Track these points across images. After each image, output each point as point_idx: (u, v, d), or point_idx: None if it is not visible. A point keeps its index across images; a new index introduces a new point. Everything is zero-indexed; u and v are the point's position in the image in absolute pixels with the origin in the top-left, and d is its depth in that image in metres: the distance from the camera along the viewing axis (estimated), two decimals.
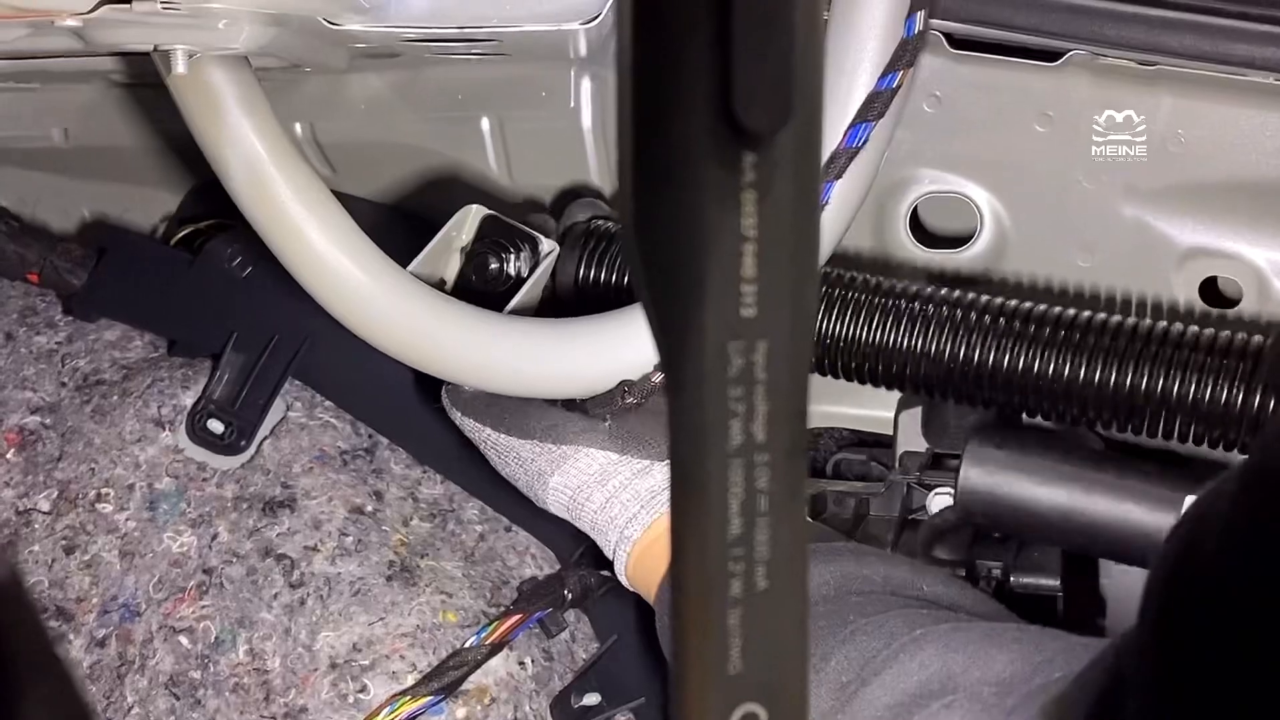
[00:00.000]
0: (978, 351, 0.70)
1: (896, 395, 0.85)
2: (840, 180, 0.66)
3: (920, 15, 0.64)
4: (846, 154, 0.66)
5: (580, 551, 0.88)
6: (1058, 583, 0.73)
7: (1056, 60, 0.70)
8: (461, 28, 0.64)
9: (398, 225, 0.93)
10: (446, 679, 0.80)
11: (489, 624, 0.82)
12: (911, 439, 0.82)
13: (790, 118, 0.25)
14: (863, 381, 0.76)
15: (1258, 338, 0.66)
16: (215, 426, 0.90)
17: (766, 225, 0.26)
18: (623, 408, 0.70)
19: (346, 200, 0.78)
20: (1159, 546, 0.63)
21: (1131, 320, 0.68)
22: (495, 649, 0.82)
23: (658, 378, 0.70)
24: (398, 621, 0.83)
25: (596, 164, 0.87)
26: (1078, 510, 0.69)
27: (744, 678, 0.28)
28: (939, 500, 0.76)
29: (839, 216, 0.68)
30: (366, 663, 0.82)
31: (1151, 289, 0.75)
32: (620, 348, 0.70)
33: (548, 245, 0.79)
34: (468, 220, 0.79)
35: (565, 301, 0.81)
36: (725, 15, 0.24)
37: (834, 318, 0.73)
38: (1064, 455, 0.71)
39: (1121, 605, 0.83)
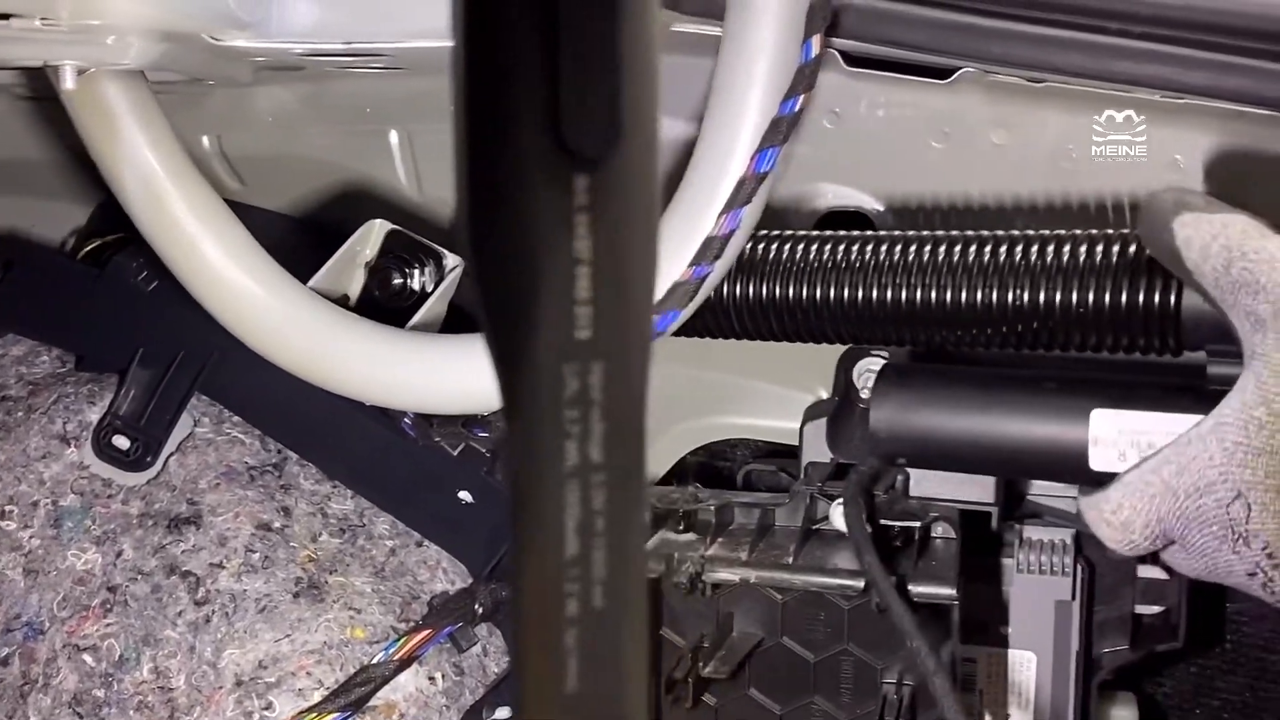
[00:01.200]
0: (875, 291, 0.70)
1: (804, 407, 0.86)
2: (748, 205, 0.67)
3: (816, 39, 0.65)
4: (755, 179, 0.67)
5: (493, 565, 0.88)
6: (954, 591, 0.74)
7: (948, 78, 0.71)
8: (349, 43, 0.64)
9: (307, 239, 0.93)
10: (353, 695, 0.79)
11: (398, 639, 0.82)
12: (816, 450, 0.83)
13: (619, 141, 0.25)
14: (785, 339, 0.75)
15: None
16: (121, 443, 0.89)
17: (600, 247, 0.26)
18: None
19: (255, 213, 0.78)
20: (1067, 459, 0.65)
21: (1015, 232, 0.68)
22: (403, 664, 0.81)
23: None
24: (304, 638, 0.83)
25: None
26: (989, 434, 0.70)
27: (581, 696, 0.28)
28: (842, 511, 0.77)
29: (743, 237, 0.69)
30: (272, 680, 0.81)
31: None
32: None
33: (452, 260, 0.79)
34: (371, 235, 0.79)
35: (473, 317, 0.81)
36: (552, 42, 0.25)
37: (745, 279, 0.73)
38: (967, 384, 0.72)
39: (1024, 611, 0.84)
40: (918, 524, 0.77)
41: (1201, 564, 0.56)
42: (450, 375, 0.71)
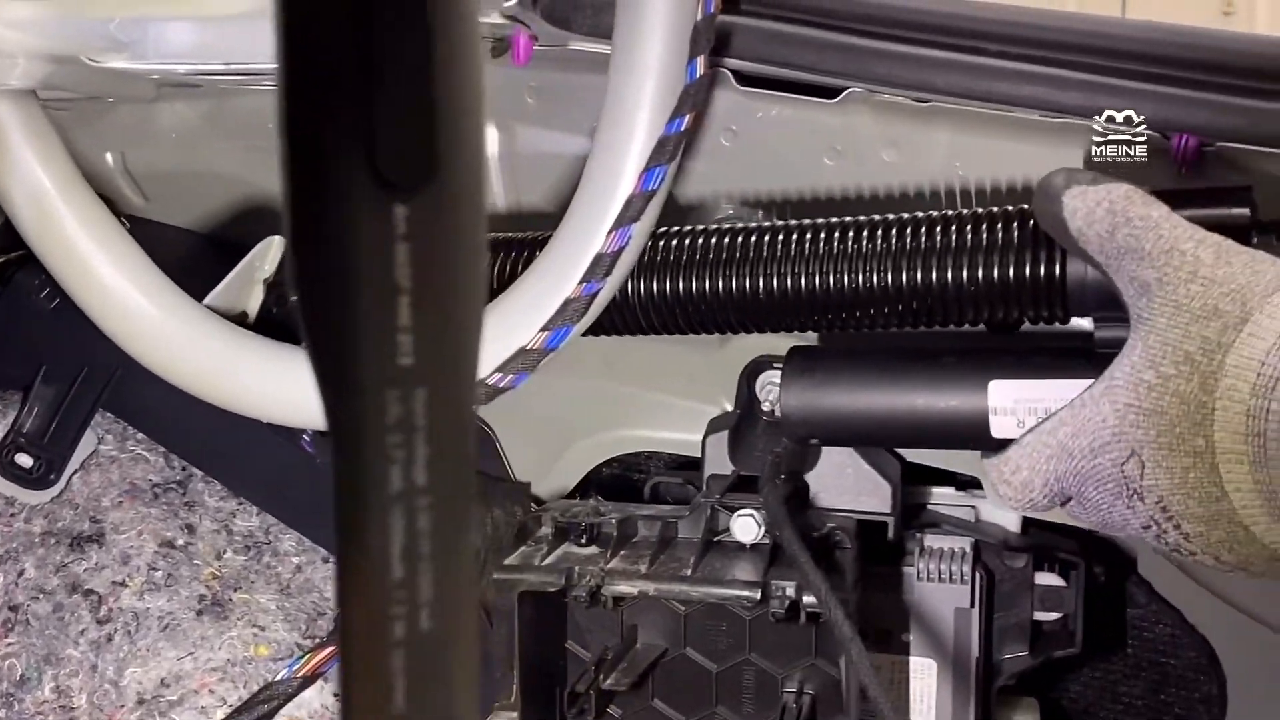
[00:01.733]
0: (775, 280, 0.71)
1: (708, 419, 0.87)
2: (638, 223, 0.68)
3: (701, 60, 0.66)
4: (643, 197, 0.67)
5: None
6: (848, 599, 0.75)
7: (836, 97, 0.72)
8: (228, 64, 0.64)
9: (212, 255, 0.93)
10: (256, 713, 0.79)
11: (302, 656, 0.81)
12: (718, 462, 0.84)
13: (437, 171, 0.26)
14: (692, 331, 0.76)
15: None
16: (24, 460, 0.89)
17: (421, 276, 0.27)
18: None
19: (159, 230, 0.77)
20: (970, 429, 0.67)
21: (906, 216, 0.70)
22: (307, 682, 0.81)
23: None
24: (207, 656, 0.83)
25: None
26: (895, 409, 0.72)
27: (410, 718, 0.28)
28: (742, 522, 0.78)
29: (633, 254, 0.70)
30: (174, 698, 0.81)
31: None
32: None
33: None
34: (270, 251, 0.79)
35: None
36: (367, 74, 0.25)
37: (647, 276, 0.74)
38: (872, 363, 0.73)
39: (924, 619, 0.86)
40: (815, 534, 0.78)
41: (1098, 518, 0.58)
42: None
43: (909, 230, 0.69)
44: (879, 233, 0.69)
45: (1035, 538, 0.89)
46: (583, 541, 0.79)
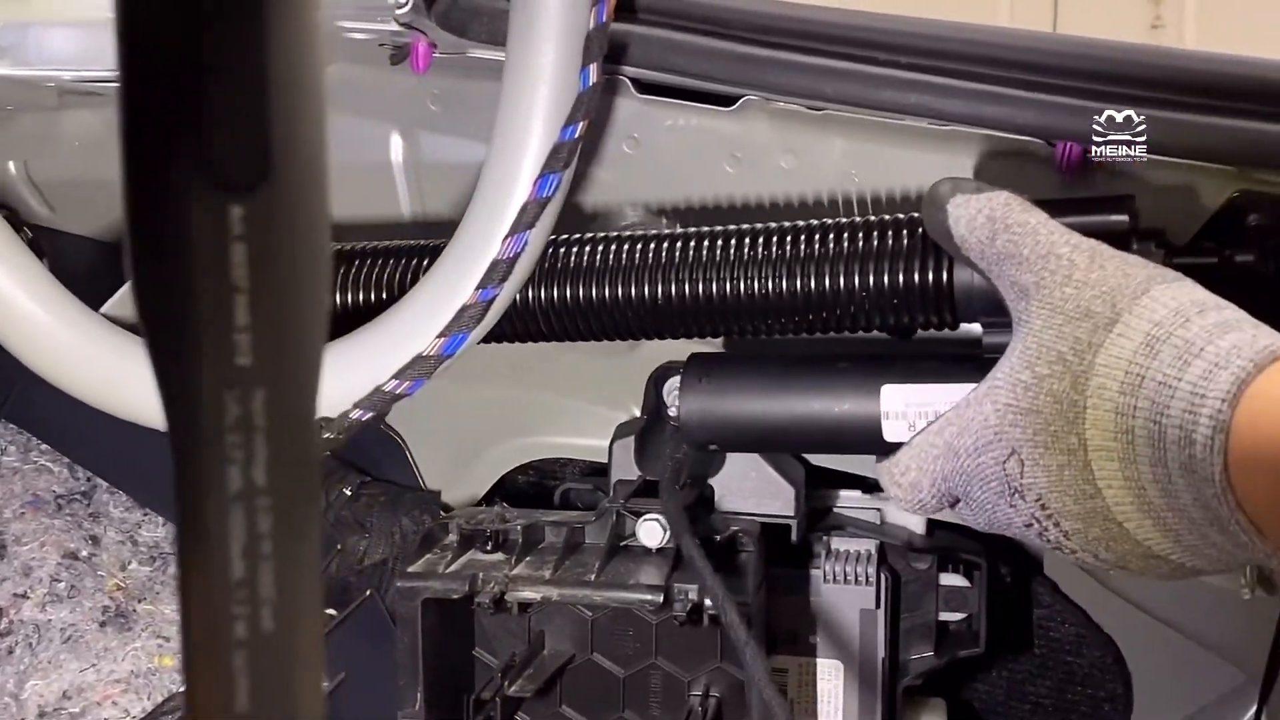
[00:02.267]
0: (672, 287, 0.72)
1: (616, 424, 0.88)
2: (533, 229, 0.68)
3: (594, 68, 0.66)
4: (538, 204, 0.68)
5: None
6: (749, 602, 0.75)
7: (733, 105, 0.73)
8: (113, 70, 0.63)
9: (118, 264, 0.92)
10: None
11: None
12: (625, 467, 0.84)
13: (272, 170, 0.26)
14: (594, 338, 0.77)
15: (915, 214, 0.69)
16: None
17: (259, 276, 0.27)
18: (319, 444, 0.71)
19: (64, 239, 0.76)
20: (864, 433, 0.68)
21: (801, 223, 0.71)
22: None
23: (355, 414, 0.70)
24: (110, 668, 0.82)
25: None
26: (790, 415, 0.73)
27: (252, 717, 0.29)
28: (647, 527, 0.78)
29: (529, 260, 0.70)
30: (77, 710, 0.80)
31: None
32: None
33: None
34: None
35: None
36: (198, 73, 0.25)
37: (548, 283, 0.74)
38: (769, 369, 0.74)
39: (830, 621, 0.87)
40: (718, 538, 0.79)
41: (985, 517, 0.59)
42: None
43: (802, 237, 0.70)
44: (773, 240, 0.70)
45: (940, 539, 0.91)
46: (488, 548, 0.79)
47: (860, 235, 0.68)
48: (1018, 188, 0.59)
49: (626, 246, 0.74)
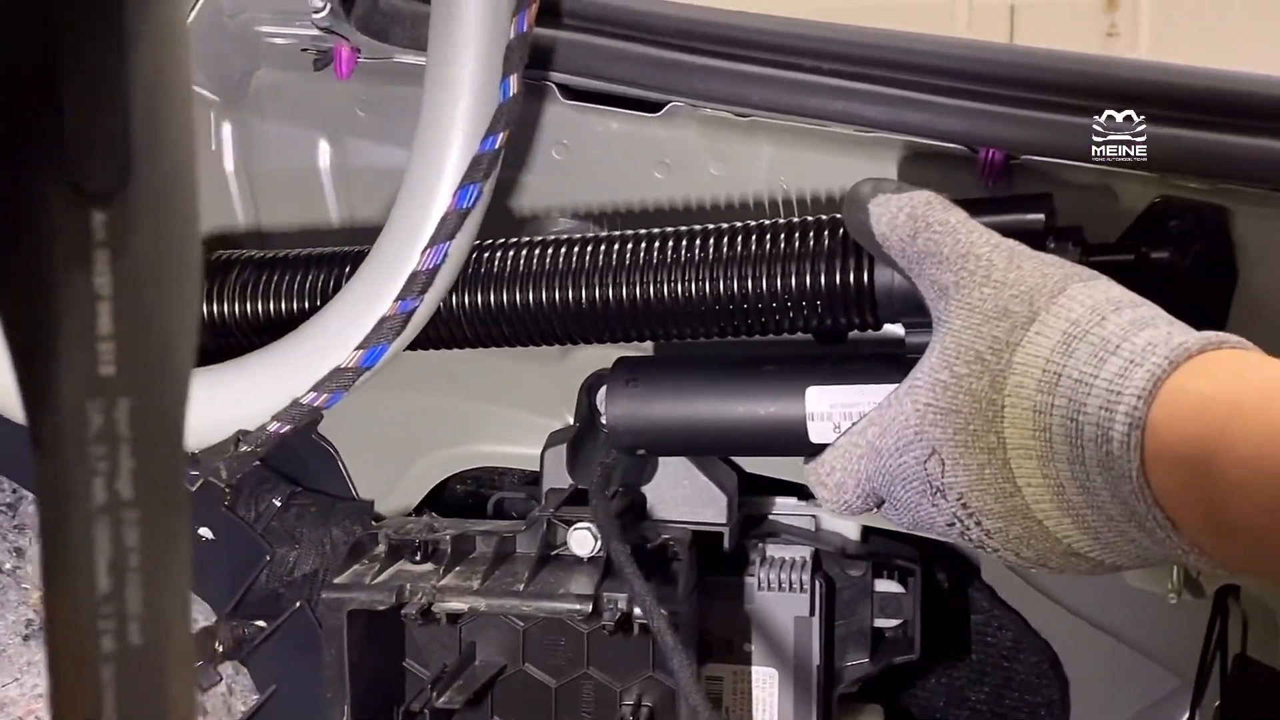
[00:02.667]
0: (596, 291, 0.71)
1: (547, 433, 0.87)
2: (453, 240, 0.68)
3: (514, 78, 0.66)
4: (457, 215, 0.67)
5: (235, 602, 0.86)
6: (679, 610, 0.75)
7: (659, 111, 0.73)
8: None
9: None
10: None
11: None
12: (557, 476, 0.84)
13: (133, 177, 0.26)
14: (520, 343, 0.76)
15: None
16: None
17: (123, 283, 0.26)
18: (236, 456, 0.70)
19: None
20: (790, 435, 0.68)
21: (725, 225, 0.70)
22: None
23: (273, 426, 0.69)
24: (34, 681, 0.80)
25: (242, 207, 0.86)
26: (717, 418, 0.72)
27: None
28: (578, 535, 0.78)
29: (450, 271, 0.69)
30: None
31: None
32: (232, 398, 0.69)
33: None
34: None
35: (202, 349, 0.80)
36: (55, 80, 0.25)
37: (472, 289, 0.74)
38: (695, 372, 0.73)
39: (765, 628, 0.86)
40: (649, 546, 0.79)
41: (909, 518, 0.59)
42: None
43: (725, 239, 0.69)
44: (696, 242, 0.70)
45: (875, 546, 0.91)
46: (417, 559, 0.79)
47: (781, 237, 0.68)
48: (942, 192, 0.59)
49: (549, 250, 0.73)
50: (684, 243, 0.70)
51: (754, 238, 0.69)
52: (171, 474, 0.28)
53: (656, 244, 0.70)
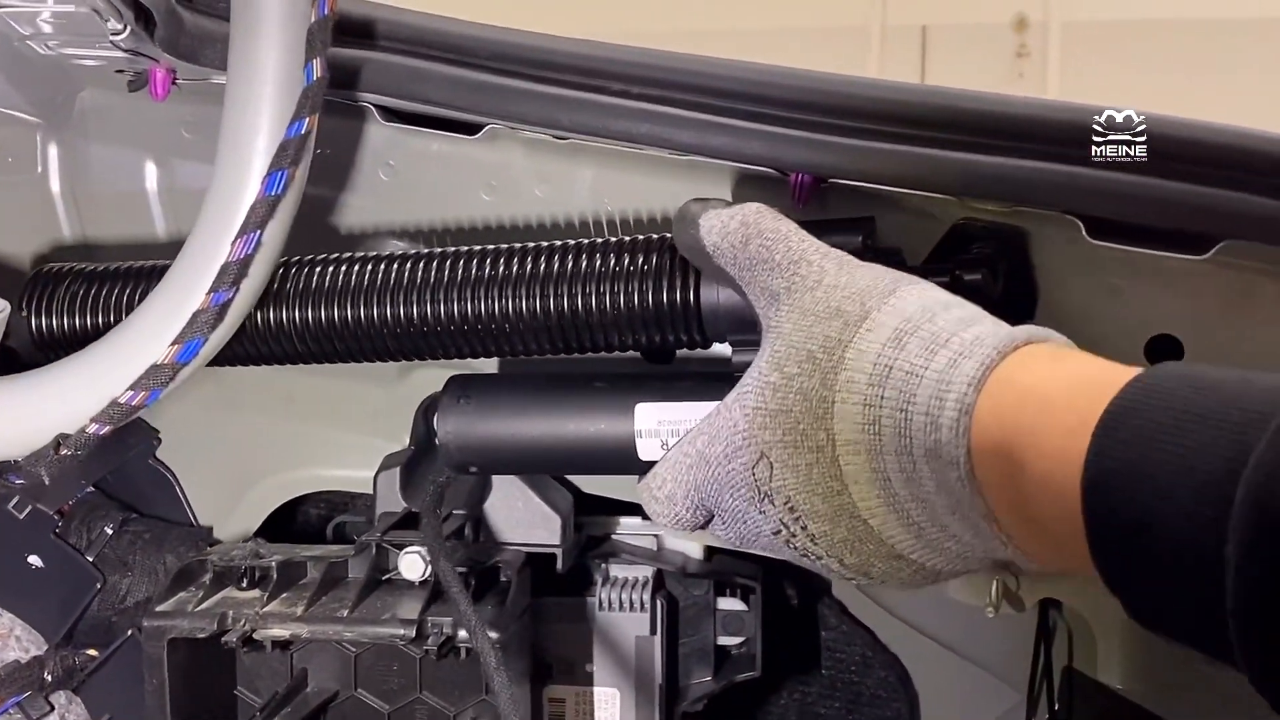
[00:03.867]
0: (427, 307, 0.71)
1: (382, 455, 0.86)
2: (265, 228, 0.67)
3: (317, 62, 0.66)
4: (267, 202, 0.67)
5: (66, 631, 0.85)
6: (500, 635, 0.74)
7: (477, 133, 0.73)
8: None
9: None
10: None
11: None
12: (390, 499, 0.83)
13: None
14: (348, 360, 0.75)
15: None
16: None
17: None
18: (57, 460, 0.68)
19: None
20: (620, 452, 0.68)
21: (557, 243, 0.71)
22: None
23: (93, 428, 0.68)
24: None
25: (69, 229, 0.85)
26: (548, 435, 0.72)
27: None
28: (409, 559, 0.77)
29: (265, 260, 0.69)
30: None
31: None
32: (52, 403, 0.68)
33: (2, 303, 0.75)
34: None
35: (31, 362, 0.78)
36: None
37: (289, 305, 0.73)
38: (526, 389, 0.74)
39: (607, 648, 0.86)
40: (482, 567, 0.78)
41: (736, 530, 0.59)
42: None
43: (553, 257, 0.70)
44: (524, 259, 0.70)
45: (717, 564, 0.91)
46: (243, 585, 0.78)
47: (610, 254, 0.69)
48: None
49: (378, 266, 0.73)
50: (514, 259, 0.70)
51: (582, 255, 0.69)
52: None
53: (487, 260, 0.70)
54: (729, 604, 0.90)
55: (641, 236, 0.69)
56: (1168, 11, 3.53)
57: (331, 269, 0.73)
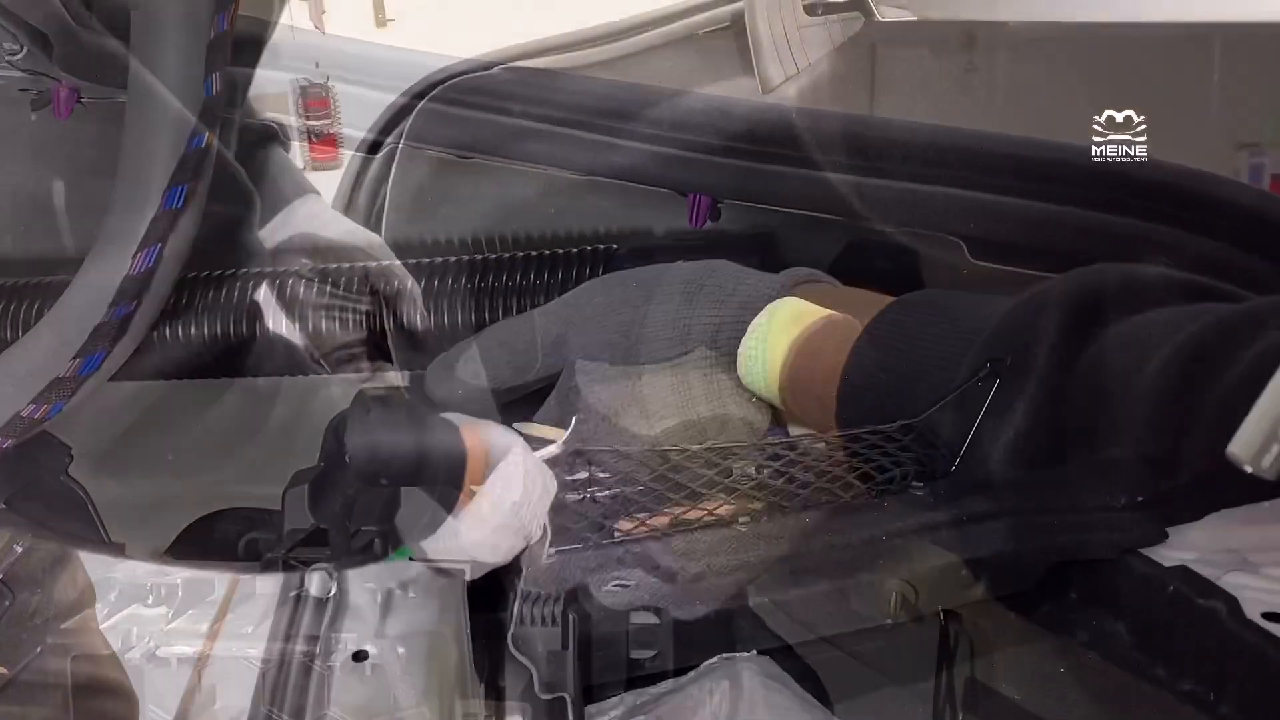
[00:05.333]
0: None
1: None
2: (166, 242, 0.68)
3: (216, 76, 0.66)
4: (167, 216, 0.67)
5: None
6: (403, 650, 0.75)
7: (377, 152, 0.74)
8: None
9: None
10: None
11: None
12: (298, 516, 0.83)
13: None
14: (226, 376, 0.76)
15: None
16: None
17: None
18: None
19: None
20: None
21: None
22: None
23: None
24: None
25: None
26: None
27: None
28: (315, 576, 0.77)
29: (168, 273, 0.69)
30: None
31: None
32: None
33: None
34: None
35: None
36: None
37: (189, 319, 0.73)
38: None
39: (518, 662, 0.86)
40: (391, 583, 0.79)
41: None
42: None
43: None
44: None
45: None
46: (149, 602, 0.77)
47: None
48: (669, 233, 0.61)
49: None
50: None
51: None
52: None
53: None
54: (642, 618, 0.91)
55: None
56: None
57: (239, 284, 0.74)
